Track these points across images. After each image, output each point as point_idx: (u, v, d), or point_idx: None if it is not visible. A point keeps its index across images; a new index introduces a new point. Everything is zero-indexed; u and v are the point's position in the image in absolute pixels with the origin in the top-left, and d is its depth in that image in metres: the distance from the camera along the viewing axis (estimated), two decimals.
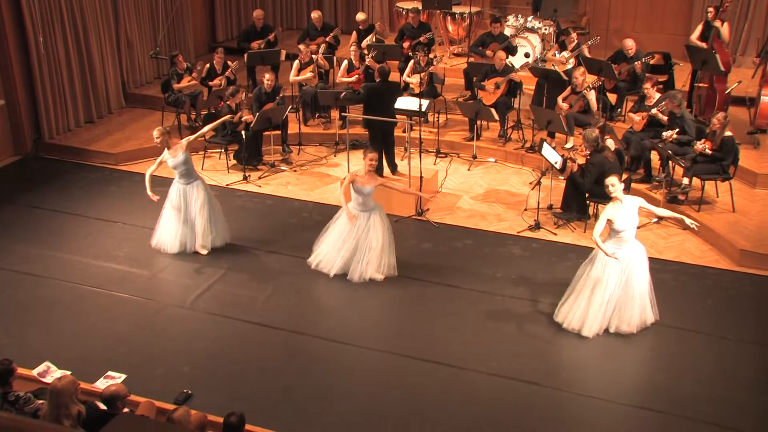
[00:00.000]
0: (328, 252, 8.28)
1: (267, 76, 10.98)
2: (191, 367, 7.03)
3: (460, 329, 7.54)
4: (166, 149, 8.42)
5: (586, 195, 9.13)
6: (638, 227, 9.12)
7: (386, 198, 9.64)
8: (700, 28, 11.41)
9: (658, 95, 9.84)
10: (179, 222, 8.60)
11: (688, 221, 7.40)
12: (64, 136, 11.60)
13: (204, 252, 8.71)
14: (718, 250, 8.80)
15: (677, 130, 9.32)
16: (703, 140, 9.19)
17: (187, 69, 11.54)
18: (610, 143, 9.07)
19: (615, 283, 7.14)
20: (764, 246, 8.60)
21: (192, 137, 8.68)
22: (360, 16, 12.94)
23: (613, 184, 7.08)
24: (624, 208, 7.06)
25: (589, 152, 8.91)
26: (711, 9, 11.16)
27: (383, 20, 14.57)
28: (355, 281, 8.17)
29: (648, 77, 10.14)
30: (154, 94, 12.48)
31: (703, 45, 10.95)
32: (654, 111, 9.68)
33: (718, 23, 11.02)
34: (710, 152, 9.06)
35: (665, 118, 9.63)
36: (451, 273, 8.42)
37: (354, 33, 12.89)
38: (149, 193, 8.38)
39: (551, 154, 9.19)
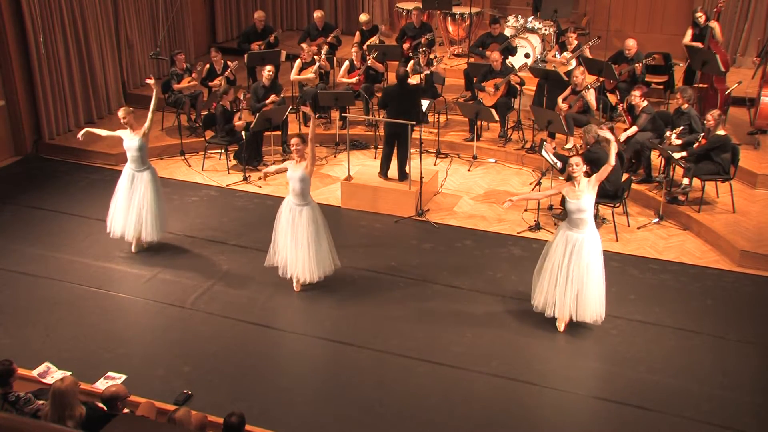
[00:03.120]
0: (283, 255, 8.03)
1: (267, 68, 10.95)
2: (191, 367, 7.03)
3: (460, 330, 7.54)
4: (129, 128, 8.40)
5: None
6: (638, 228, 9.21)
7: (385, 198, 9.66)
8: (690, 31, 11.40)
9: (645, 103, 9.80)
10: (127, 207, 8.53)
11: (625, 135, 7.25)
12: (64, 136, 11.60)
13: (144, 246, 8.73)
14: (718, 251, 8.80)
15: (680, 129, 9.32)
16: (697, 144, 9.24)
17: (186, 69, 11.54)
18: (614, 146, 9.05)
19: (558, 259, 7.19)
20: (764, 246, 8.60)
21: (147, 124, 8.46)
22: (363, 17, 12.92)
23: (577, 163, 7.13)
24: (577, 190, 7.09)
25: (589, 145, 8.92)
26: (701, 12, 11.15)
27: (384, 21, 14.57)
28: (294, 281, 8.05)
29: (638, 86, 10.06)
30: None
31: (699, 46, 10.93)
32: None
33: (712, 23, 11.01)
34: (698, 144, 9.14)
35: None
36: (451, 273, 8.42)
37: (357, 33, 12.88)
38: (82, 131, 8.78)
39: (551, 155, 9.19)
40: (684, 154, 9.14)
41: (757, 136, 10.66)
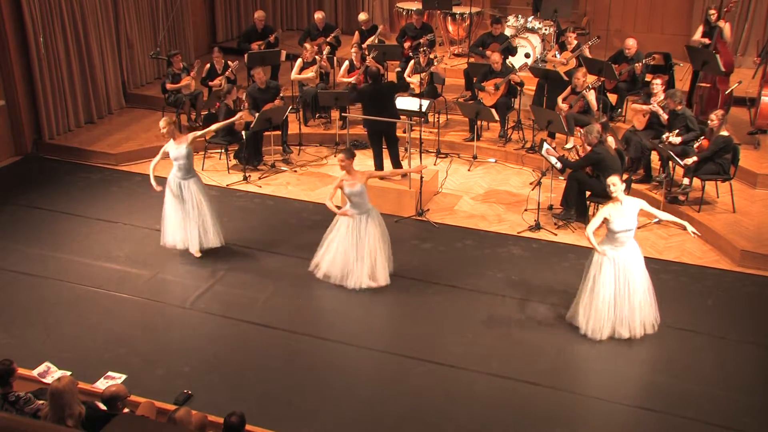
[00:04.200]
0: (328, 260, 8.11)
1: (256, 74, 10.92)
2: (191, 367, 7.03)
3: (460, 329, 7.54)
4: (171, 140, 8.30)
5: (587, 194, 9.13)
6: (638, 227, 9.19)
7: (385, 198, 9.65)
8: (700, 29, 11.38)
9: (663, 95, 9.83)
10: (182, 214, 8.41)
11: (690, 229, 7.30)
12: (64, 136, 11.60)
13: (197, 255, 8.62)
14: (718, 251, 8.80)
15: (677, 131, 9.32)
16: (697, 144, 9.23)
17: (184, 69, 11.53)
18: (611, 141, 9.07)
19: (610, 283, 7.07)
20: (764, 246, 8.60)
21: (199, 133, 8.59)
22: (362, 17, 12.93)
23: (614, 183, 7.02)
24: (623, 209, 7.01)
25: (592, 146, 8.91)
26: (713, 11, 11.13)
27: (384, 21, 14.57)
28: (350, 287, 8.05)
29: (658, 75, 10.14)
30: (154, 95, 12.48)
31: (707, 42, 10.88)
32: (655, 107, 9.68)
33: (721, 23, 11.01)
34: (696, 151, 9.10)
35: (666, 116, 9.63)
36: (452, 273, 8.42)
37: (356, 33, 12.88)
38: (153, 183, 8.27)
39: (551, 155, 9.19)
40: (695, 159, 9.07)
41: (757, 136, 10.66)
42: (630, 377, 6.95)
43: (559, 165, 9.09)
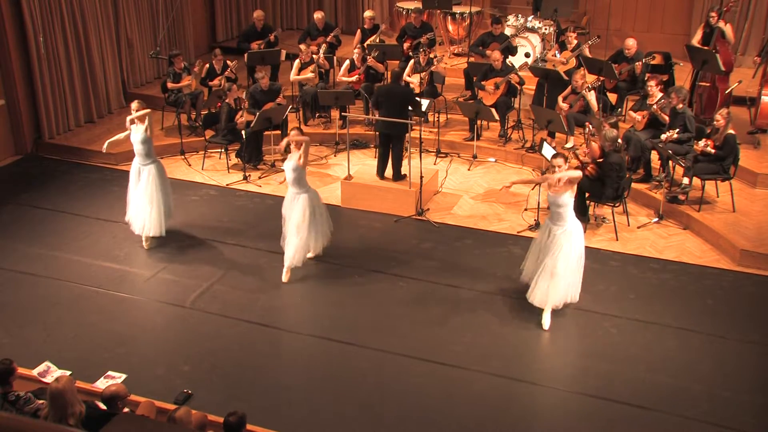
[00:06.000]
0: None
1: (260, 74, 10.96)
2: (191, 367, 7.03)
3: (460, 329, 7.54)
4: (135, 124, 8.59)
5: (586, 195, 9.12)
6: (638, 227, 9.21)
7: (385, 197, 9.66)
8: (700, 31, 11.36)
9: (660, 94, 9.83)
10: (136, 201, 8.74)
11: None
12: (64, 136, 11.61)
13: (145, 245, 8.81)
14: (718, 250, 8.79)
15: (677, 130, 9.31)
16: (704, 140, 9.19)
17: (185, 68, 11.53)
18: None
19: (539, 239, 7.60)
20: (764, 246, 8.59)
21: (147, 123, 8.63)
22: (368, 14, 12.89)
23: (560, 165, 7.39)
24: (557, 186, 7.33)
25: (600, 153, 8.90)
26: (714, 14, 11.11)
27: (384, 20, 14.56)
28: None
29: (652, 76, 10.15)
30: (155, 94, 12.46)
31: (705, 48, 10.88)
32: (654, 108, 9.68)
33: (721, 24, 11.00)
34: (713, 151, 9.05)
35: (666, 117, 9.63)
36: (451, 273, 8.42)
37: (358, 32, 12.86)
38: (105, 145, 8.92)
39: (551, 154, 9.18)
40: (709, 149, 9.05)
41: (757, 135, 10.66)
42: (629, 376, 6.94)
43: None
